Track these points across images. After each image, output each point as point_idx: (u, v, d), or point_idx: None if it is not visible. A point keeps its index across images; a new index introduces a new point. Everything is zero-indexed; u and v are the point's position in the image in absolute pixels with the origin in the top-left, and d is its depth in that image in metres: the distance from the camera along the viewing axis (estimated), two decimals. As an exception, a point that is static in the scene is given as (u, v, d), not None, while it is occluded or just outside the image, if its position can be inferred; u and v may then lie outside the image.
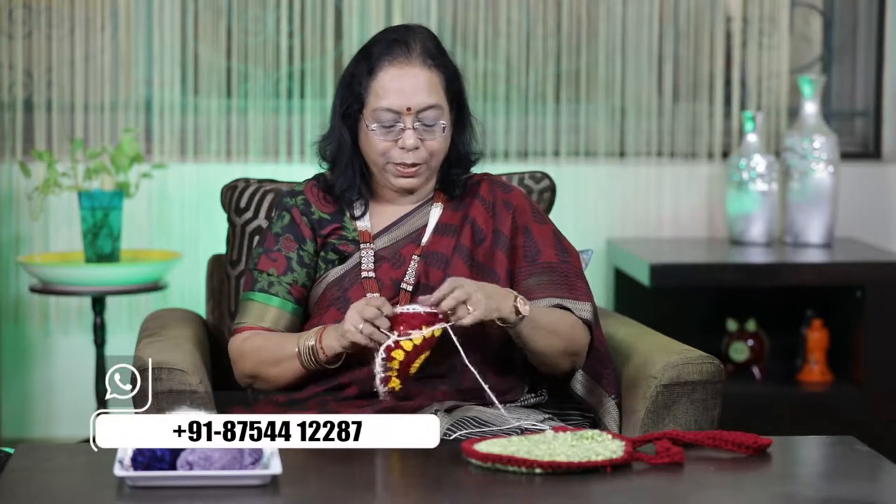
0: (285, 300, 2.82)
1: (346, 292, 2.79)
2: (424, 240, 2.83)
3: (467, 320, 2.59)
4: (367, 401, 2.72)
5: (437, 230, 2.84)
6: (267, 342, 2.78)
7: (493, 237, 2.85)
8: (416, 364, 2.61)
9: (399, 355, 2.58)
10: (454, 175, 2.87)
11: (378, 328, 2.57)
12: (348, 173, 2.84)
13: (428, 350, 2.60)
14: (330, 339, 2.67)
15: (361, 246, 2.83)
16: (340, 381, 2.74)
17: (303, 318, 2.87)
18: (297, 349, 2.71)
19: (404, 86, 2.75)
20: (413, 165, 2.78)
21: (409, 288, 2.78)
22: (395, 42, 2.78)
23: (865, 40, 4.86)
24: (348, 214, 2.87)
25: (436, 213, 2.86)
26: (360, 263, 2.81)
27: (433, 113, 2.76)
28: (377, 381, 2.60)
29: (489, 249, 2.84)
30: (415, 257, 2.80)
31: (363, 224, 2.85)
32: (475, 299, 2.58)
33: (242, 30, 4.63)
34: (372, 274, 2.80)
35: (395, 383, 2.61)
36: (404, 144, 2.76)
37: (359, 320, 2.58)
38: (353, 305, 2.62)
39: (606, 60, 4.71)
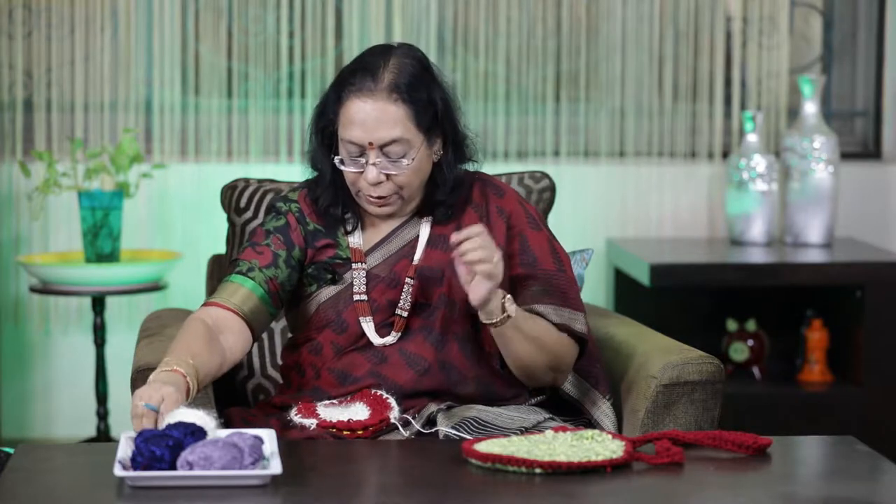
0: (258, 285, 2.73)
1: (340, 314, 2.75)
2: (417, 256, 2.78)
3: (473, 295, 2.58)
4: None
5: (430, 243, 2.79)
6: (179, 335, 2.62)
7: None
8: None
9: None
10: (437, 202, 2.79)
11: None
12: (330, 191, 2.79)
13: None
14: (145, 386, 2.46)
15: (353, 266, 2.78)
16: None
17: (270, 314, 2.76)
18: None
19: (367, 119, 2.68)
20: (381, 198, 2.74)
21: (405, 314, 2.74)
22: (363, 72, 2.70)
23: (865, 40, 4.86)
24: (341, 228, 2.84)
25: (426, 225, 2.81)
26: (353, 284, 2.79)
27: (398, 147, 2.68)
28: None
29: None
30: (408, 280, 2.76)
31: (355, 241, 2.80)
32: (490, 271, 2.56)
33: (243, 30, 4.63)
34: (364, 297, 2.77)
35: None
36: (366, 178, 2.70)
37: (138, 405, 2.39)
38: (137, 392, 2.41)
39: (606, 60, 4.71)
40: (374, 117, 2.68)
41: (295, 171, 4.44)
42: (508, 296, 2.65)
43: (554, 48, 4.70)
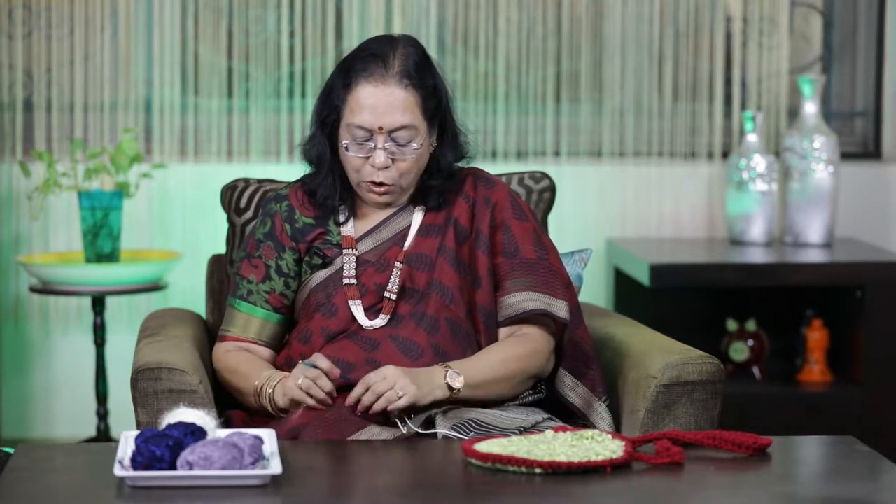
0: (268, 311, 2.85)
1: (330, 298, 2.80)
2: (407, 243, 2.82)
3: (400, 403, 2.60)
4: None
5: (420, 231, 2.84)
6: (237, 368, 2.81)
7: (474, 237, 2.84)
8: None
9: None
10: (430, 187, 2.85)
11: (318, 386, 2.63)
12: (328, 181, 2.84)
13: None
14: (278, 394, 2.70)
15: (344, 251, 2.82)
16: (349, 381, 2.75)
17: (286, 326, 2.89)
18: (254, 389, 2.74)
19: (378, 104, 2.73)
20: (384, 184, 2.78)
21: (393, 296, 2.78)
22: (373, 58, 2.76)
23: (865, 40, 4.86)
24: (332, 218, 2.87)
25: (419, 214, 2.86)
26: (343, 269, 2.82)
27: (406, 133, 2.74)
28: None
29: (472, 249, 2.84)
30: (397, 264, 2.80)
31: (347, 229, 2.85)
32: (401, 385, 2.60)
33: (243, 30, 4.63)
34: (353, 281, 2.80)
35: None
36: (374, 163, 2.75)
37: (300, 376, 2.64)
38: (299, 363, 2.67)
39: (606, 60, 4.71)
40: (385, 102, 2.73)
41: (295, 171, 4.43)
42: (451, 370, 2.67)
43: (554, 48, 4.70)
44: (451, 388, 2.66)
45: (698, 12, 4.72)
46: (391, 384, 2.60)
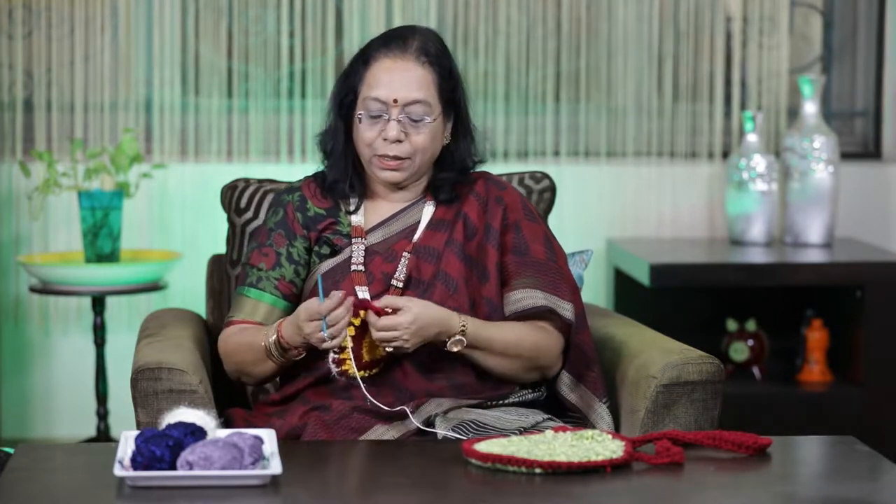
0: (276, 297, 2.84)
1: (337, 284, 2.81)
2: (416, 236, 2.85)
3: (389, 348, 2.64)
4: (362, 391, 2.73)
5: (430, 226, 2.86)
6: (241, 340, 2.79)
7: (484, 231, 2.87)
8: (366, 350, 2.68)
9: (346, 342, 2.64)
10: (442, 179, 2.87)
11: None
12: (341, 164, 2.87)
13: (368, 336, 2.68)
14: (289, 333, 2.69)
15: (353, 240, 2.85)
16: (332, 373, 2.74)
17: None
18: (263, 346, 2.73)
19: (394, 78, 2.77)
20: (396, 159, 2.79)
21: (400, 284, 2.79)
22: (393, 37, 2.82)
23: (865, 40, 4.86)
24: (343, 209, 2.89)
25: (429, 209, 2.88)
26: (351, 257, 2.83)
27: (420, 108, 2.78)
28: (331, 364, 2.68)
29: (480, 244, 2.86)
30: (405, 254, 2.81)
31: (357, 219, 2.88)
32: (403, 334, 2.63)
33: (243, 29, 4.63)
34: (361, 268, 2.81)
35: (349, 366, 2.66)
36: (387, 136, 2.78)
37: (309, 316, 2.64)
38: (302, 305, 2.67)
39: (606, 60, 4.71)
40: (401, 77, 2.78)
41: (296, 171, 4.44)
42: (456, 337, 2.70)
43: (554, 48, 4.70)
44: (458, 340, 2.70)
45: (698, 12, 4.72)
46: (397, 336, 2.63)
